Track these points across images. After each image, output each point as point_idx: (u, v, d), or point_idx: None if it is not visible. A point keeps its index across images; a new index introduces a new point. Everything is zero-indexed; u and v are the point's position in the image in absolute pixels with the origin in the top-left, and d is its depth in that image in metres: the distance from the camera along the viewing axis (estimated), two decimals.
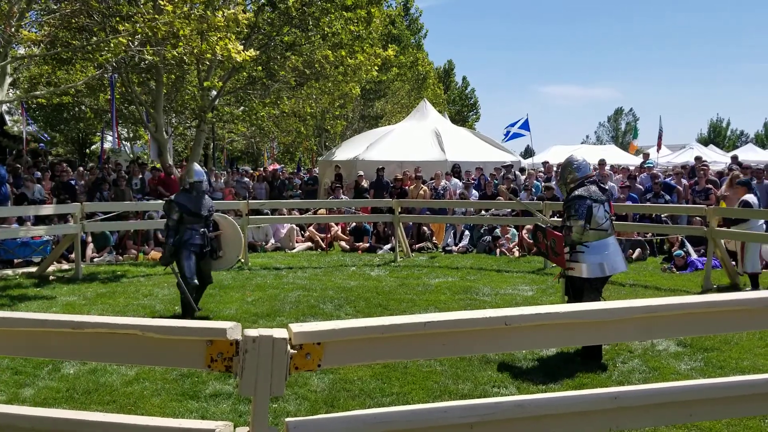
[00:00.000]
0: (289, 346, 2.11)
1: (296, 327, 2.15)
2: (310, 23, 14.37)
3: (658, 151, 23.02)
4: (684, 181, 14.14)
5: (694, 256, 10.98)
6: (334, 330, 2.17)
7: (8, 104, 20.54)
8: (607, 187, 6.22)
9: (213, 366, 2.13)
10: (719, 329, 2.96)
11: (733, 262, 9.32)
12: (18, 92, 18.29)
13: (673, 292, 9.02)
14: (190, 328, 2.14)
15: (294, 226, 13.78)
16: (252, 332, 2.10)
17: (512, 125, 22.23)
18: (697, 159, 17.76)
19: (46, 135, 23.75)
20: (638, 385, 3.27)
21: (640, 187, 13.83)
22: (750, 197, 9.38)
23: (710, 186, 12.98)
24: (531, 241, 12.57)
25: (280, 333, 2.11)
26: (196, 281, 7.28)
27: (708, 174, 13.86)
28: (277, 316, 7.49)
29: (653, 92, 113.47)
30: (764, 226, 9.32)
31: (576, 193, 5.80)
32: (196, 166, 7.83)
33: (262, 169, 20.97)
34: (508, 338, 2.39)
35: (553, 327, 2.39)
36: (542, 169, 17.56)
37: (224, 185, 16.10)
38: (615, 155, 26.09)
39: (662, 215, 12.16)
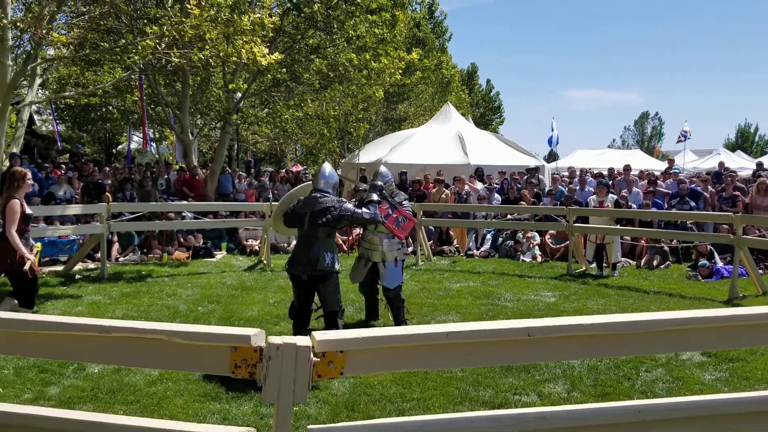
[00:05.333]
0: (312, 354, 2.12)
1: (319, 335, 2.16)
2: (335, 26, 14.43)
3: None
4: (710, 188, 13.95)
5: (720, 263, 10.83)
6: (356, 339, 2.17)
7: (37, 104, 20.90)
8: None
9: (237, 372, 2.15)
10: (747, 342, 2.92)
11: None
12: (47, 93, 18.59)
13: (699, 300, 8.90)
14: (214, 335, 2.17)
15: None
16: (276, 340, 2.11)
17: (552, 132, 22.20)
18: (721, 165, 17.52)
19: (80, 146, 24.14)
20: (662, 398, 3.24)
21: (667, 191, 13.67)
22: (612, 197, 11.37)
23: (737, 193, 12.79)
24: (554, 246, 12.52)
25: (303, 341, 2.12)
26: None
27: (735, 180, 13.66)
28: None
29: (679, 96, 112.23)
30: None
31: (403, 196, 7.49)
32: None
33: (283, 171, 21.02)
34: (531, 349, 2.37)
35: (577, 339, 2.38)
36: (566, 173, 17.38)
37: (247, 187, 16.21)
38: (641, 160, 25.78)
39: (687, 222, 12.02)
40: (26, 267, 6.16)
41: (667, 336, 2.42)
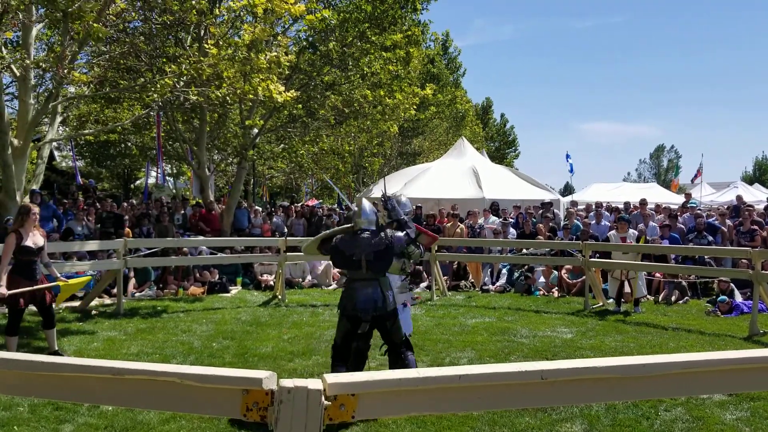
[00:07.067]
0: (323, 397, 2.11)
1: (331, 378, 2.15)
2: (350, 64, 14.63)
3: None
4: (728, 222, 13.80)
5: (739, 299, 10.67)
6: (368, 381, 2.16)
7: (57, 141, 21.27)
8: None
9: (248, 415, 2.14)
10: (764, 385, 2.87)
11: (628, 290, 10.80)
12: (67, 130, 18.93)
13: (718, 337, 8.75)
14: (226, 377, 2.16)
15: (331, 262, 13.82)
16: (287, 383, 2.10)
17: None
18: (739, 199, 17.35)
19: (92, 181, 24.51)
20: None
21: (682, 226, 13.54)
22: (632, 232, 11.23)
23: (755, 227, 12.65)
24: (570, 281, 12.41)
25: (314, 384, 2.11)
26: None
27: (753, 215, 13.50)
28: (312, 355, 7.49)
29: (696, 129, 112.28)
30: None
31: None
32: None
33: (299, 205, 21.10)
34: (545, 392, 2.34)
35: (591, 381, 2.34)
36: (579, 207, 17.26)
37: (262, 221, 16.28)
38: (657, 194, 25.58)
39: (705, 256, 11.88)
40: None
41: (683, 378, 2.38)
